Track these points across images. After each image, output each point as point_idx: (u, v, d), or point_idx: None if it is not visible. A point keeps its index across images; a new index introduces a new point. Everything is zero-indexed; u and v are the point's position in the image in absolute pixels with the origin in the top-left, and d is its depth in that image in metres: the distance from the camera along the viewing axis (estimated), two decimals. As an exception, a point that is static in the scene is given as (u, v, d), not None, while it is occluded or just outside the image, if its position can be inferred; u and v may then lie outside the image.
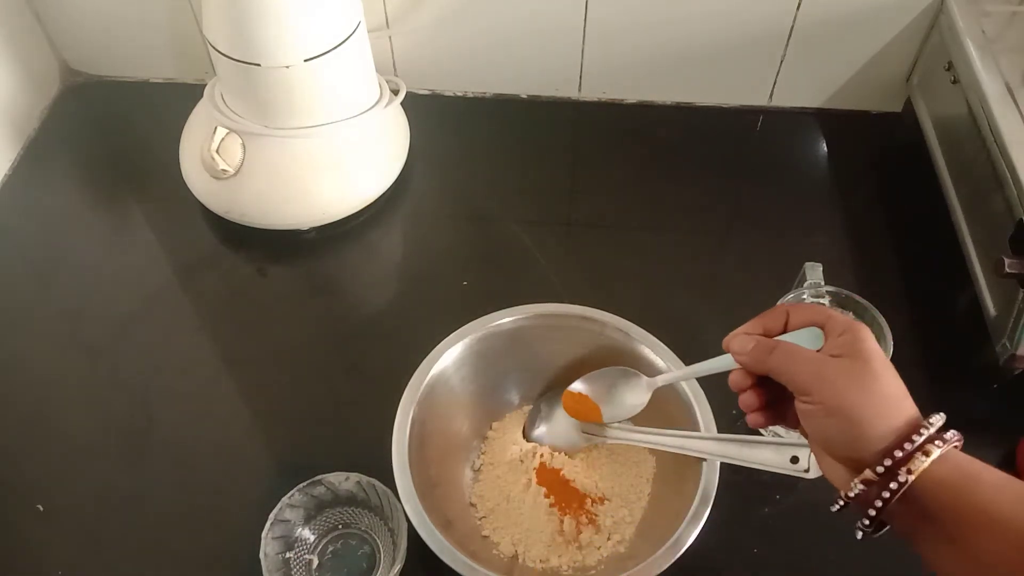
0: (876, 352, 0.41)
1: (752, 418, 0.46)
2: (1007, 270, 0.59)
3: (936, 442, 0.37)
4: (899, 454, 0.37)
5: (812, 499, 0.60)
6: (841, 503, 0.40)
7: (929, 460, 0.37)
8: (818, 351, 0.42)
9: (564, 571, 0.57)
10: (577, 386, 0.59)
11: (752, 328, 0.46)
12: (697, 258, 0.77)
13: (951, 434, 0.38)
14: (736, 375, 0.46)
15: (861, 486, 0.39)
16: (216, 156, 0.73)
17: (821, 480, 0.52)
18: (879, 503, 0.38)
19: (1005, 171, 0.64)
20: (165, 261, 0.77)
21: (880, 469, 0.38)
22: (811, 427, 0.41)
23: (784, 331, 0.45)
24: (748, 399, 0.46)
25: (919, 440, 0.37)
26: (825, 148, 0.87)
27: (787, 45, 0.83)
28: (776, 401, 0.45)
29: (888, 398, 0.39)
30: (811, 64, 0.85)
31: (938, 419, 0.39)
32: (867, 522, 0.39)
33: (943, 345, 0.70)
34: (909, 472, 0.37)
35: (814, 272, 0.59)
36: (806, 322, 0.44)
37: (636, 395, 0.57)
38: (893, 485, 0.37)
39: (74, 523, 0.60)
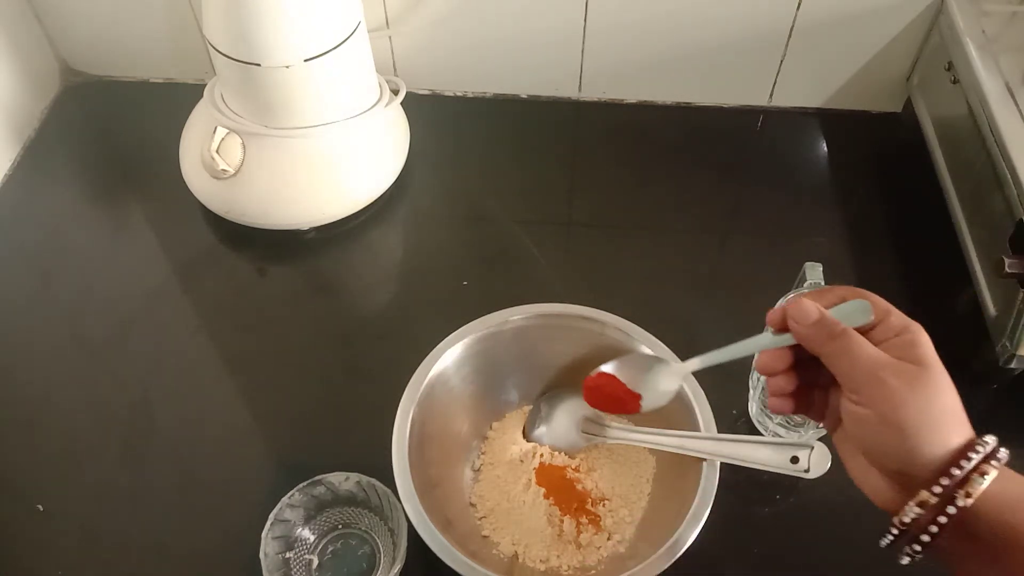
0: (937, 360, 0.37)
1: (777, 403, 0.42)
2: (1007, 270, 0.59)
3: (992, 461, 0.35)
4: (956, 472, 0.35)
5: (812, 499, 0.60)
6: (895, 533, 0.37)
7: (987, 481, 0.34)
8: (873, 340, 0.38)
9: (564, 571, 0.57)
10: (607, 368, 0.52)
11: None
12: (697, 258, 0.77)
13: (1003, 453, 0.36)
14: (770, 356, 0.41)
15: (917, 510, 0.36)
16: (216, 156, 0.73)
17: (821, 480, 0.52)
18: (935, 528, 0.35)
19: (1005, 171, 0.64)
20: (165, 261, 0.77)
21: (938, 490, 0.35)
22: (859, 432, 0.38)
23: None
24: (781, 383, 0.41)
25: (976, 459, 0.35)
26: (825, 148, 0.87)
27: (787, 45, 0.83)
28: (805, 387, 0.41)
29: (947, 413, 0.36)
30: (811, 64, 0.85)
31: (992, 439, 0.36)
32: (918, 548, 0.36)
33: (943, 345, 0.69)
34: (968, 496, 0.34)
35: (814, 272, 0.59)
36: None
37: (668, 381, 0.51)
38: (951, 509, 0.34)
39: (74, 523, 0.60)
